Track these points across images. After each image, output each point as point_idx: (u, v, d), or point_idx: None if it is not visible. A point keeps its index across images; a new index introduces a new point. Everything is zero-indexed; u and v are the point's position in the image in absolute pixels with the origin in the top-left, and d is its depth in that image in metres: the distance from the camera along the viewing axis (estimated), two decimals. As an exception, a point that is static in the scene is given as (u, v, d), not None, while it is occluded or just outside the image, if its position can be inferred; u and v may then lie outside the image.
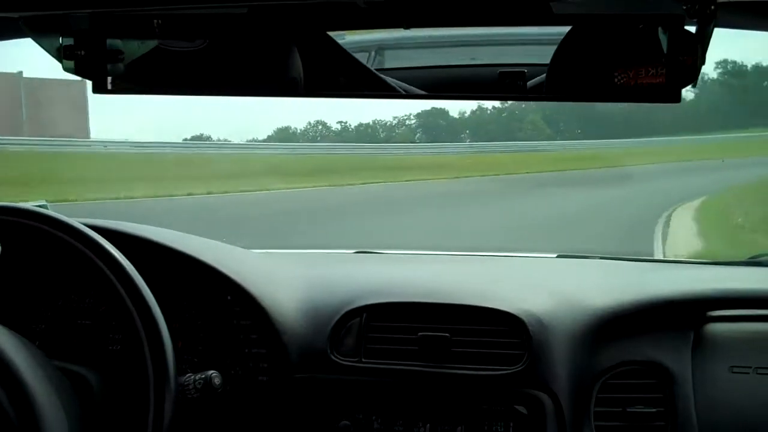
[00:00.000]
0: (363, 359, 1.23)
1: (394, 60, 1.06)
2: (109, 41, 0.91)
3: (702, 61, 0.80)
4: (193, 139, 17.97)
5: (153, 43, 0.91)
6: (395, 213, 8.93)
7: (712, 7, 0.77)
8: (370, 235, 7.03)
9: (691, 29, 0.80)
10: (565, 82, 0.86)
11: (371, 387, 1.22)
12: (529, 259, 1.85)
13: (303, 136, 21.05)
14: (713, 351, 1.26)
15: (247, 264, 1.36)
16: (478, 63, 1.04)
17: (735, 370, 1.23)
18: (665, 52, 0.80)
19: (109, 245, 0.97)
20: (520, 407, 1.17)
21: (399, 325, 1.24)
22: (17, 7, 0.87)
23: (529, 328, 1.19)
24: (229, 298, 1.26)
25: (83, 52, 0.91)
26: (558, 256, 1.76)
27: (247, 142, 18.52)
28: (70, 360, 1.04)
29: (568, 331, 1.22)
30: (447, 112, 22.10)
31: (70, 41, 0.91)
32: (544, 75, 0.88)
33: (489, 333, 1.22)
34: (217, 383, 1.03)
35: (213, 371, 1.04)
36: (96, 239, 0.97)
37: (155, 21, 0.90)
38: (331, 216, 8.67)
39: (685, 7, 0.78)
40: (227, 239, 1.47)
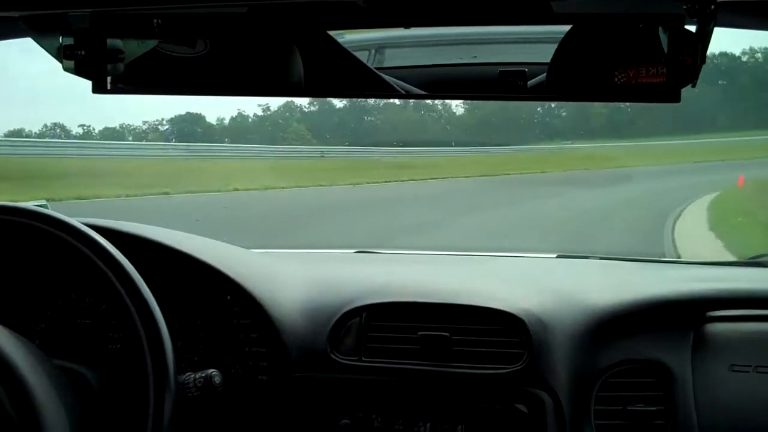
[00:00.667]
0: (363, 358, 1.23)
1: (395, 59, 1.06)
2: (109, 41, 0.91)
3: (702, 61, 0.81)
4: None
5: (153, 43, 0.91)
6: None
7: (712, 6, 0.77)
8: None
9: (692, 29, 0.80)
10: (565, 81, 0.87)
11: (371, 386, 1.22)
12: (528, 258, 1.85)
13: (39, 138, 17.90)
14: (713, 350, 1.27)
15: (247, 263, 1.36)
16: (479, 62, 1.04)
17: (735, 368, 1.23)
18: (665, 51, 0.80)
19: (109, 245, 0.97)
20: (521, 406, 1.17)
21: (399, 325, 1.25)
22: (17, 6, 0.87)
23: (529, 327, 1.20)
24: (229, 297, 1.26)
25: (83, 52, 0.91)
26: (558, 256, 1.77)
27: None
28: (70, 359, 1.04)
29: (568, 331, 1.23)
30: (204, 118, 20.57)
31: (70, 41, 0.91)
32: (545, 74, 0.88)
33: (489, 332, 1.22)
34: (217, 382, 1.03)
35: (213, 370, 1.04)
36: (96, 239, 0.97)
37: (155, 21, 0.90)
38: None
39: (685, 6, 0.78)
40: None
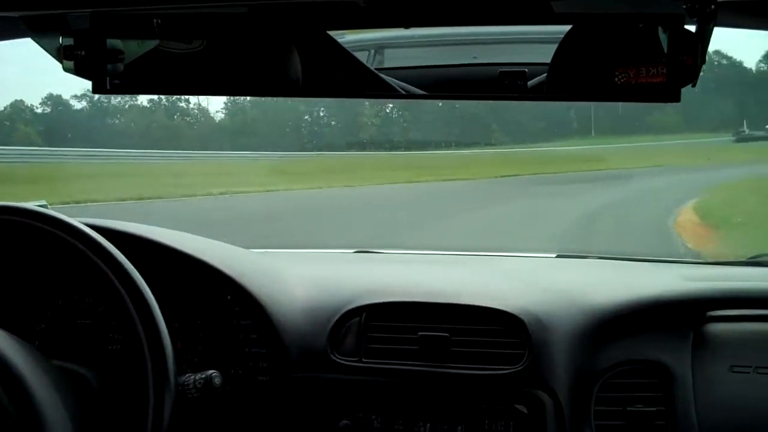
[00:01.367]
0: (363, 359, 1.23)
1: (394, 59, 1.06)
2: (109, 41, 0.91)
3: (702, 61, 0.81)
4: None
5: (153, 43, 0.91)
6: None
7: (712, 6, 0.77)
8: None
9: (691, 29, 0.80)
10: (565, 81, 0.87)
11: (371, 386, 1.22)
12: (528, 258, 1.85)
13: None
14: (713, 350, 1.26)
15: (247, 264, 1.36)
16: (479, 62, 1.04)
17: (735, 369, 1.23)
18: (665, 51, 0.80)
19: (109, 245, 0.97)
20: (521, 406, 1.17)
21: (399, 325, 1.24)
22: (17, 6, 0.87)
23: (529, 327, 1.19)
24: (229, 297, 1.26)
25: (83, 52, 0.91)
26: (558, 256, 1.77)
27: None
28: (69, 359, 1.04)
29: (568, 331, 1.22)
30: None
31: (70, 41, 0.91)
32: (545, 74, 0.88)
33: (489, 333, 1.22)
34: (218, 383, 1.03)
35: (213, 371, 1.04)
36: (96, 239, 0.97)
37: (155, 21, 0.90)
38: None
39: (685, 6, 0.78)
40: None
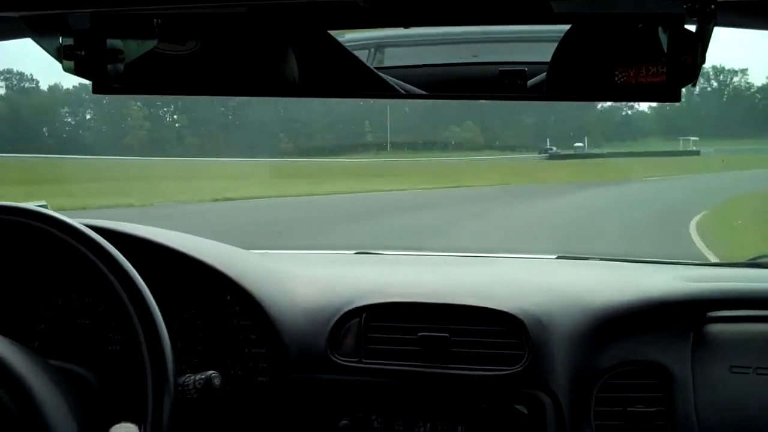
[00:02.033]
0: (363, 359, 1.23)
1: (394, 58, 1.06)
2: (109, 41, 0.91)
3: (702, 60, 0.80)
4: None
5: (153, 43, 0.91)
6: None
7: (712, 6, 0.77)
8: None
9: (692, 28, 0.80)
10: (565, 81, 0.87)
11: (371, 387, 1.22)
12: (528, 259, 1.85)
13: None
14: (713, 351, 1.26)
15: (246, 264, 1.36)
16: (479, 61, 1.04)
17: (735, 370, 1.23)
18: (665, 51, 0.80)
19: (109, 245, 0.97)
20: (521, 407, 1.17)
21: (399, 326, 1.24)
22: (17, 6, 0.87)
23: (529, 328, 1.19)
24: (228, 298, 1.26)
25: (83, 52, 0.91)
26: (558, 257, 1.77)
27: None
28: (69, 360, 1.04)
29: (568, 332, 1.22)
30: None
31: (70, 41, 0.91)
32: (545, 74, 0.88)
33: (489, 333, 1.21)
34: (217, 383, 1.03)
35: (213, 371, 1.03)
36: (96, 239, 0.97)
37: (155, 21, 0.90)
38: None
39: (685, 6, 0.78)
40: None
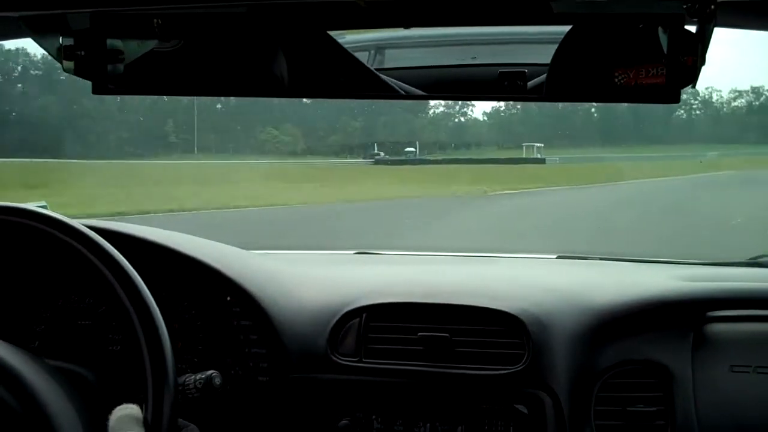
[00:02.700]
0: (363, 359, 1.23)
1: (395, 59, 1.06)
2: (109, 41, 0.91)
3: (702, 61, 0.80)
4: None
5: (153, 43, 0.91)
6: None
7: (712, 6, 0.77)
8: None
9: (692, 29, 0.80)
10: (565, 82, 0.86)
11: (371, 387, 1.22)
12: (529, 259, 1.85)
13: None
14: (713, 350, 1.26)
15: (247, 264, 1.36)
16: (479, 62, 1.04)
17: (735, 369, 1.23)
18: (665, 51, 0.80)
19: (109, 246, 0.97)
20: (521, 406, 1.17)
21: (399, 326, 1.24)
22: (17, 6, 0.86)
23: (529, 328, 1.19)
24: (229, 298, 1.26)
25: (83, 53, 0.91)
26: (558, 257, 1.77)
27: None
28: (69, 360, 1.04)
29: (568, 331, 1.22)
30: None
31: (70, 41, 0.91)
32: (545, 75, 0.88)
33: (489, 333, 1.22)
34: (218, 383, 1.03)
35: (213, 371, 1.03)
36: (96, 240, 0.97)
37: (155, 21, 0.90)
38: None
39: (685, 6, 0.77)
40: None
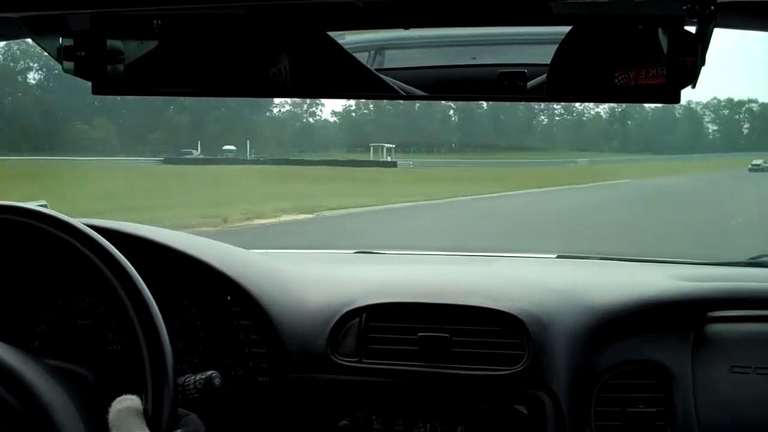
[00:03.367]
0: (363, 359, 1.23)
1: (394, 60, 1.06)
2: (109, 42, 0.91)
3: (702, 62, 0.80)
4: None
5: (153, 43, 0.91)
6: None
7: (712, 7, 0.77)
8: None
9: (691, 29, 0.80)
10: (565, 82, 0.86)
11: (371, 387, 1.22)
12: (529, 259, 1.85)
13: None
14: (713, 351, 1.26)
15: (247, 264, 1.36)
16: (478, 63, 1.04)
17: (735, 370, 1.23)
18: (665, 52, 0.80)
19: (109, 245, 0.97)
20: (521, 407, 1.17)
21: (399, 326, 1.24)
22: (17, 7, 0.87)
23: (529, 328, 1.19)
24: (229, 298, 1.26)
25: (83, 53, 0.91)
26: (558, 257, 1.77)
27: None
28: (69, 360, 1.04)
29: (568, 331, 1.22)
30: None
31: (70, 42, 0.91)
32: (545, 75, 0.87)
33: (489, 333, 1.22)
34: (218, 383, 1.03)
35: (213, 371, 1.03)
36: (96, 239, 0.97)
37: (155, 21, 0.90)
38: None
39: (685, 7, 0.77)
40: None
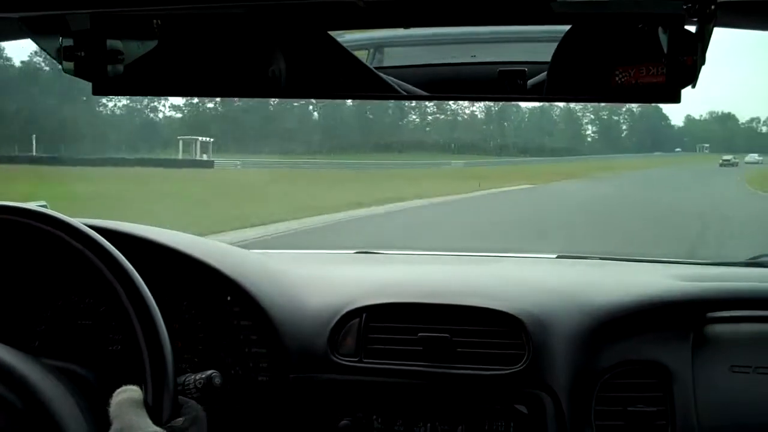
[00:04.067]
0: (363, 359, 1.23)
1: (394, 58, 1.06)
2: (109, 42, 0.91)
3: (702, 61, 0.80)
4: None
5: (153, 43, 0.91)
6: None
7: (712, 6, 0.77)
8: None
9: (691, 29, 0.80)
10: (565, 81, 0.86)
11: (371, 387, 1.22)
12: (529, 259, 1.85)
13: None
14: (713, 350, 1.26)
15: (247, 264, 1.36)
16: (478, 61, 1.04)
17: (735, 369, 1.23)
18: (665, 51, 0.80)
19: (109, 245, 0.97)
20: (521, 407, 1.17)
21: (399, 326, 1.24)
22: (17, 7, 0.87)
23: (529, 328, 1.19)
24: (229, 298, 1.26)
25: (83, 53, 0.91)
26: (558, 257, 1.77)
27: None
28: (70, 360, 1.04)
29: (568, 331, 1.22)
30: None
31: (69, 42, 0.91)
32: (545, 74, 0.87)
33: (489, 333, 1.22)
34: (218, 383, 1.02)
35: (213, 371, 1.03)
36: (96, 239, 0.97)
37: (155, 21, 0.90)
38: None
39: (685, 6, 0.77)
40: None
